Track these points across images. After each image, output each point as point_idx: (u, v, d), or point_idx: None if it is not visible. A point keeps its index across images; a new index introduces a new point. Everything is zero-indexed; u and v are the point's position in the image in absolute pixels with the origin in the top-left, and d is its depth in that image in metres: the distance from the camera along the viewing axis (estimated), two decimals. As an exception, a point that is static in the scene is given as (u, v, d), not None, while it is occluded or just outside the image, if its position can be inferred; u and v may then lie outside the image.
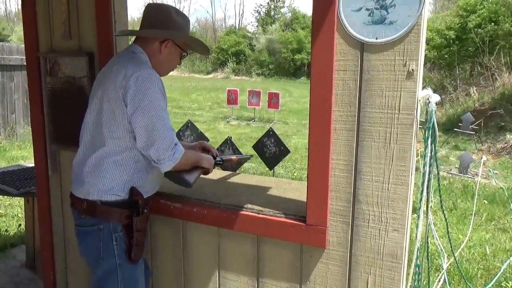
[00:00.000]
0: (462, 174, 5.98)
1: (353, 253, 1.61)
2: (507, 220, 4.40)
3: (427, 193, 1.58)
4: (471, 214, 4.25)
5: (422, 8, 1.37)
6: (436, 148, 1.56)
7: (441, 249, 2.16)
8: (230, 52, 33.44)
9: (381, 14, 1.42)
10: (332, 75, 1.52)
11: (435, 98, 1.44)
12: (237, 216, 1.79)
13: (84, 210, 1.66)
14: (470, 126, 7.37)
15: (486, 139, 8.25)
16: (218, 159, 1.95)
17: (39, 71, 2.29)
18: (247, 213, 1.78)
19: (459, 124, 7.61)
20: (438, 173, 1.64)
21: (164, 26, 1.71)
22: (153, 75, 1.59)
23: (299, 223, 1.67)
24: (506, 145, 7.63)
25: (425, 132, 1.54)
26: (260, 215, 1.76)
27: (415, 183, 1.72)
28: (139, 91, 1.55)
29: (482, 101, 10.80)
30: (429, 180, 1.58)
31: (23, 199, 3.65)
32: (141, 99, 1.54)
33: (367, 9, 1.44)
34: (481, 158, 5.55)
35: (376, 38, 1.44)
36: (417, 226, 1.58)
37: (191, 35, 1.86)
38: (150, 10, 1.75)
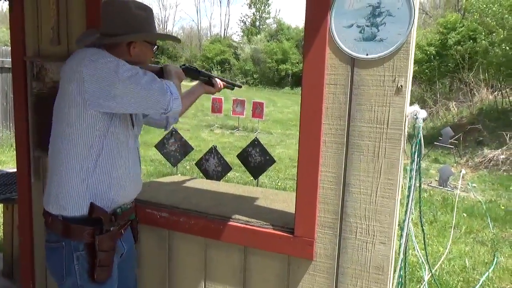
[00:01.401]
0: (441, 187, 6.11)
1: (340, 265, 1.62)
2: (485, 233, 4.50)
3: (410, 205, 1.61)
4: (451, 227, 4.33)
5: (412, 26, 1.41)
6: (421, 162, 1.60)
7: (422, 261, 2.20)
8: (215, 61, 33.51)
9: (372, 32, 1.46)
10: (322, 89, 1.55)
11: (423, 114, 1.48)
12: (224, 227, 1.78)
13: (48, 224, 1.57)
14: (450, 140, 7.53)
15: (465, 153, 8.45)
16: (187, 66, 1.87)
17: (25, 75, 2.25)
18: (234, 223, 1.78)
19: (439, 137, 7.77)
20: (420, 186, 1.67)
21: (128, 26, 1.56)
22: (101, 51, 1.49)
23: (287, 234, 1.68)
24: (484, 159, 7.83)
25: (412, 147, 1.57)
26: (248, 226, 1.76)
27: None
28: (95, 67, 1.43)
29: (461, 115, 11.10)
30: (412, 193, 1.61)
31: (1, 206, 3.56)
32: (102, 73, 1.42)
33: (358, 26, 1.47)
34: (461, 172, 5.69)
35: (367, 54, 1.47)
36: (400, 237, 1.61)
37: (157, 32, 1.73)
38: (110, 10, 1.58)
